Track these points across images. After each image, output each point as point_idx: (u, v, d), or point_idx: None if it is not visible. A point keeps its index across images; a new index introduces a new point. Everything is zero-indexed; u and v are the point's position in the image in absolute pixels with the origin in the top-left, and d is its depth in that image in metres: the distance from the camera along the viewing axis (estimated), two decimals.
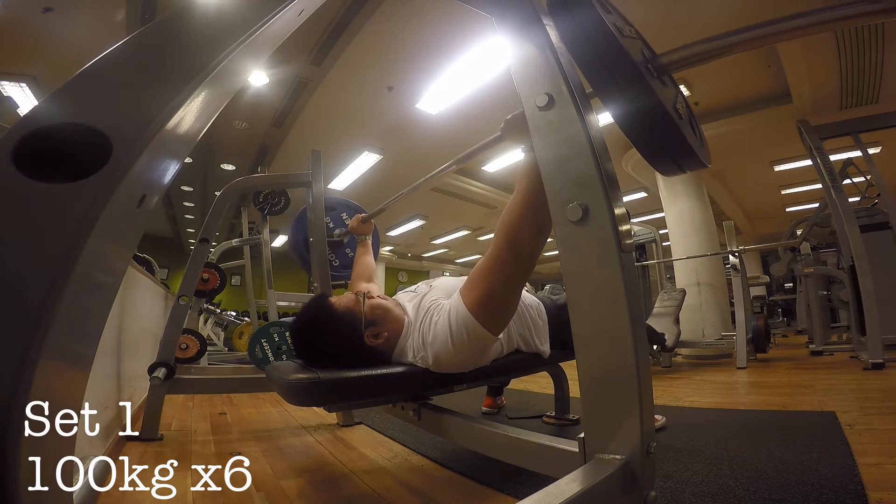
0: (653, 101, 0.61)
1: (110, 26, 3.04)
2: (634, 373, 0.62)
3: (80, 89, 0.33)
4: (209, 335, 5.65)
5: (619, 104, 0.63)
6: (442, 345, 0.94)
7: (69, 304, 0.28)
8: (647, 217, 6.50)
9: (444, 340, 0.94)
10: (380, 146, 5.10)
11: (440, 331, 0.95)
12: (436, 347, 0.96)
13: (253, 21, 0.41)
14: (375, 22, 3.17)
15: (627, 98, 0.62)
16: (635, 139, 0.65)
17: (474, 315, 0.91)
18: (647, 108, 0.62)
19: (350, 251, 2.08)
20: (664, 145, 0.65)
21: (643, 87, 0.61)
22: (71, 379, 0.34)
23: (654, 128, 0.63)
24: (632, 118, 0.63)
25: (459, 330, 0.92)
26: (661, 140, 0.65)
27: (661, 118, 0.62)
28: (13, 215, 0.27)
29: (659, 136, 0.64)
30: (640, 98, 0.61)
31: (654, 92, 0.61)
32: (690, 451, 1.32)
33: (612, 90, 0.63)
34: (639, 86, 0.61)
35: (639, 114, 0.62)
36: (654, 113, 0.62)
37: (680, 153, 0.66)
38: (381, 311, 1.06)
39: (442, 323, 0.95)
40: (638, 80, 0.60)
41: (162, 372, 1.72)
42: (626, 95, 0.62)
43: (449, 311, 0.96)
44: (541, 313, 1.22)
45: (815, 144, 3.30)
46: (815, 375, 2.77)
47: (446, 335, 0.94)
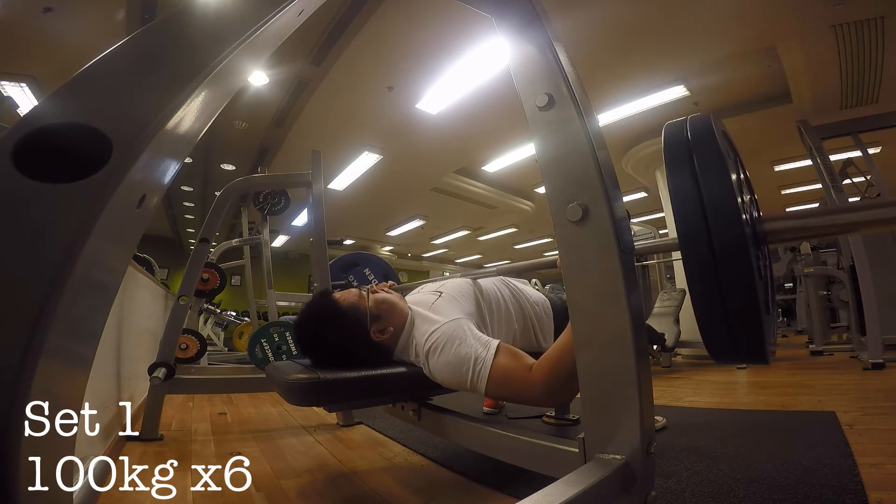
0: (751, 307, 0.49)
1: (110, 26, 3.04)
2: (634, 373, 0.62)
3: (80, 89, 0.33)
4: (209, 335, 5.65)
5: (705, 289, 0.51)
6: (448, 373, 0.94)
7: (69, 304, 0.28)
8: (647, 217, 6.50)
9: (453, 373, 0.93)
10: (380, 146, 5.10)
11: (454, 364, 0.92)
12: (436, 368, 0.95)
13: (253, 21, 0.41)
14: (375, 22, 3.17)
15: (720, 289, 0.50)
16: (706, 331, 0.54)
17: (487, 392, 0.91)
18: (741, 314, 0.50)
19: None
20: (737, 344, 0.53)
21: (746, 288, 0.49)
22: (71, 379, 0.34)
23: (736, 328, 0.51)
24: (717, 312, 0.51)
25: (471, 380, 0.90)
26: (738, 339, 0.53)
27: (752, 327, 0.51)
28: (13, 215, 0.27)
29: (737, 334, 0.52)
30: (738, 297, 0.50)
31: (756, 294, 0.49)
32: (690, 451, 1.32)
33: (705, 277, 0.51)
34: (745, 288, 0.49)
35: (728, 312, 0.51)
36: (747, 317, 0.50)
37: (752, 355, 0.54)
38: (385, 305, 1.06)
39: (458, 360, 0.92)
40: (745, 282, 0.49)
41: (162, 372, 1.72)
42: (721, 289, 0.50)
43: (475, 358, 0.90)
44: (547, 311, 1.22)
45: (815, 144, 3.30)
46: (815, 375, 2.77)
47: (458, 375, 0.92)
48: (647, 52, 3.45)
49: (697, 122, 0.57)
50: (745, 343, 0.53)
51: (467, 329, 0.96)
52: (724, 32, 3.18)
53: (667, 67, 3.70)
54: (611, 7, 2.92)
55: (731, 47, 3.39)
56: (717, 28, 3.12)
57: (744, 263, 0.49)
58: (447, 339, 0.94)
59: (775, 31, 3.19)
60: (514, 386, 0.88)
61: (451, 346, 0.93)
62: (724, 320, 0.52)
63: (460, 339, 0.93)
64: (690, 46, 3.38)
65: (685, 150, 0.54)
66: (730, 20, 3.02)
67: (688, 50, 3.43)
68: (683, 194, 0.52)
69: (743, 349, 0.54)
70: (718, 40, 3.29)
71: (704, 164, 0.52)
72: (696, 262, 0.51)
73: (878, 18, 2.98)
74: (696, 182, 0.52)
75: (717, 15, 2.96)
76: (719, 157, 0.52)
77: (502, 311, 1.14)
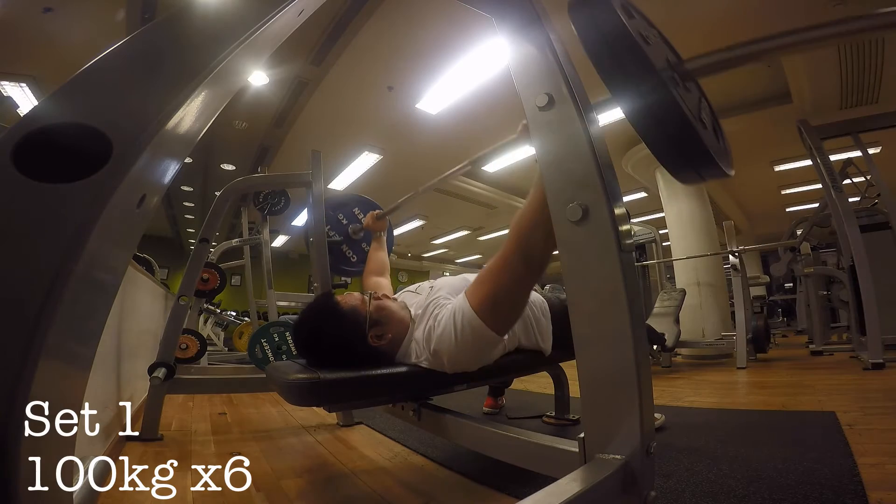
0: (674, 110, 0.59)
1: (110, 26, 3.04)
2: (634, 373, 0.62)
3: (80, 89, 0.33)
4: (209, 335, 5.65)
5: (640, 113, 0.61)
6: (446, 343, 0.95)
7: (69, 304, 0.28)
8: (647, 217, 6.50)
9: (449, 339, 0.94)
10: (380, 146, 5.10)
11: (444, 329, 0.95)
12: (439, 345, 0.96)
13: (253, 21, 0.41)
14: (375, 22, 3.17)
15: (648, 106, 0.60)
16: (655, 148, 0.63)
17: (480, 315, 0.91)
18: (665, 115, 0.59)
19: (366, 245, 2.07)
20: (685, 154, 0.63)
21: (664, 95, 0.58)
22: (71, 379, 0.34)
23: (674, 136, 0.61)
24: (652, 127, 0.61)
25: (464, 329, 0.92)
26: (682, 149, 0.62)
27: (681, 126, 0.60)
28: (13, 215, 0.27)
29: (680, 145, 0.62)
30: (661, 106, 0.59)
31: (676, 100, 0.59)
32: (690, 450, 1.32)
33: (632, 98, 0.60)
34: (658, 92, 0.58)
35: (659, 123, 0.60)
36: (675, 121, 0.59)
37: (701, 162, 0.63)
38: (386, 312, 1.06)
39: (446, 322, 0.95)
40: (659, 87, 0.58)
41: (162, 372, 1.72)
42: (647, 103, 0.60)
43: (454, 310, 0.95)
44: (544, 311, 1.22)
45: (815, 144, 3.30)
46: (815, 375, 2.77)
47: (450, 334, 0.94)
48: None
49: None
50: (694, 158, 0.62)
51: (444, 301, 1.03)
52: (723, 32, 3.18)
53: None
54: None
55: None
56: (716, 27, 3.12)
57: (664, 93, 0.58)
58: (436, 317, 1.00)
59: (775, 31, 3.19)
60: (493, 281, 0.92)
61: (440, 317, 0.99)
62: (670, 142, 0.61)
63: (440, 307, 1.01)
64: (690, 46, 3.37)
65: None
66: (730, 19, 3.02)
67: (688, 50, 3.43)
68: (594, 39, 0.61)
69: (696, 162, 0.63)
70: (718, 40, 3.29)
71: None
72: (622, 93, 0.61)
73: None
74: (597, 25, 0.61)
75: (717, 14, 2.96)
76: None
77: None
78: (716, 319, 4.61)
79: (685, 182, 0.69)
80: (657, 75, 0.58)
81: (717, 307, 4.68)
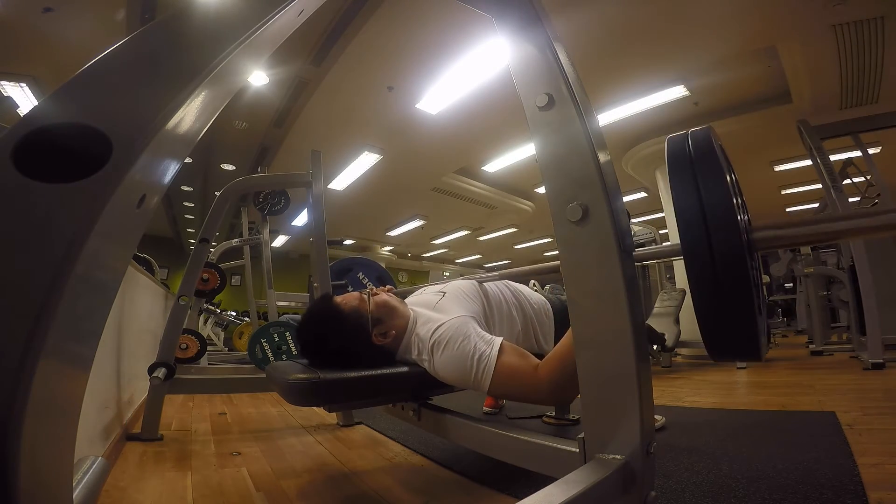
0: (749, 312, 0.53)
1: (110, 26, 3.04)
2: (634, 373, 0.62)
3: (79, 89, 0.33)
4: (209, 335, 5.65)
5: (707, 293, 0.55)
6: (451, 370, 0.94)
7: (69, 304, 0.28)
8: (647, 217, 6.50)
9: (457, 371, 0.93)
10: (380, 146, 5.10)
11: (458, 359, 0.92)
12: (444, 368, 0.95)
13: (253, 21, 0.41)
14: (375, 22, 3.17)
15: (719, 293, 0.54)
16: (706, 331, 0.58)
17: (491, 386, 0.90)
18: (738, 310, 0.54)
19: None
20: (735, 343, 0.58)
21: (743, 292, 0.52)
22: (71, 379, 0.34)
23: (732, 332, 0.56)
24: (716, 315, 0.55)
25: (477, 376, 0.90)
26: (733, 340, 0.57)
27: (749, 337, 0.55)
28: (13, 215, 0.27)
29: (738, 345, 0.57)
30: (736, 301, 0.53)
31: (752, 299, 0.53)
32: (690, 450, 1.32)
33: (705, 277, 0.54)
34: (741, 290, 0.52)
35: (727, 317, 0.55)
36: (743, 318, 0.54)
37: (748, 354, 0.58)
38: (386, 308, 1.06)
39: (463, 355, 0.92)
40: (743, 287, 0.52)
41: (162, 372, 1.72)
42: (721, 293, 0.54)
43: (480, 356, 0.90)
44: (548, 312, 1.22)
45: (815, 144, 3.30)
46: (815, 375, 2.77)
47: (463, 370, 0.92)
48: (647, 51, 3.45)
49: (699, 136, 0.62)
50: (741, 342, 0.57)
51: (472, 327, 0.96)
52: (724, 32, 3.18)
53: (667, 67, 3.69)
54: (611, 7, 2.92)
55: (731, 47, 3.39)
56: (717, 28, 3.12)
57: (741, 270, 0.53)
58: (451, 336, 0.94)
59: (775, 31, 3.19)
60: (518, 384, 0.89)
61: (455, 342, 0.93)
62: (723, 321, 0.56)
63: (464, 336, 0.93)
64: (690, 46, 3.37)
65: (687, 163, 0.59)
66: (730, 20, 3.02)
67: (688, 50, 3.43)
68: (687, 205, 0.56)
69: (739, 347, 0.58)
70: (718, 40, 3.29)
71: (706, 179, 0.57)
72: (698, 269, 0.55)
73: (878, 18, 2.98)
74: (699, 194, 0.56)
75: (717, 14, 2.96)
76: (719, 172, 0.56)
77: (504, 312, 1.14)
78: None
79: (717, 360, 0.66)
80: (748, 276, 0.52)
81: None
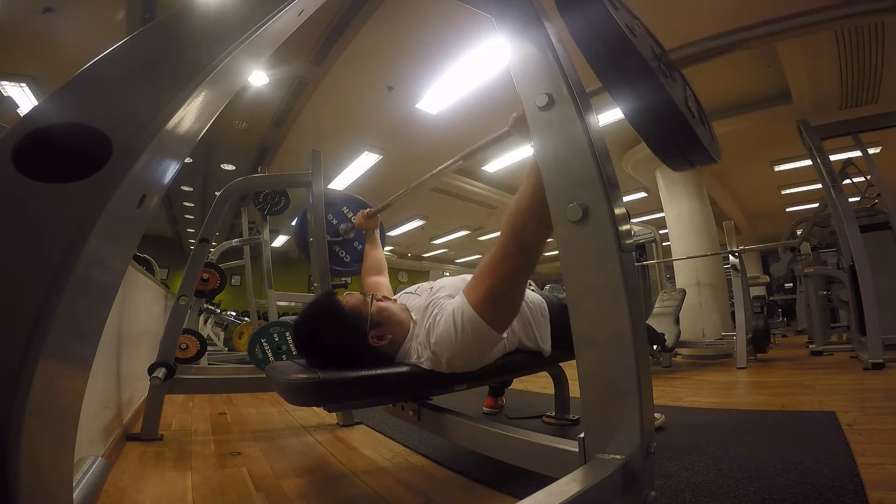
0: (663, 97, 0.61)
1: (110, 26, 3.04)
2: (634, 373, 0.62)
3: (80, 89, 0.33)
4: (209, 335, 5.65)
5: (630, 101, 0.63)
6: (446, 343, 0.95)
7: (69, 304, 0.28)
8: (647, 217, 6.50)
9: (449, 339, 0.94)
10: (380, 146, 5.10)
11: (444, 329, 0.95)
12: (438, 346, 0.96)
13: (253, 21, 0.41)
14: (375, 22, 3.17)
15: (638, 95, 0.62)
16: (645, 135, 0.65)
17: (479, 313, 0.91)
18: (657, 105, 0.62)
19: (359, 244, 2.07)
20: (674, 140, 0.66)
21: (653, 84, 0.61)
22: (71, 379, 0.34)
23: (664, 123, 0.63)
24: (642, 114, 0.63)
25: (464, 328, 0.92)
26: (672, 135, 0.65)
27: (671, 114, 0.62)
28: (13, 215, 0.27)
29: (669, 131, 0.64)
30: (651, 94, 0.62)
31: (665, 88, 0.61)
32: (690, 450, 1.32)
33: (622, 87, 0.63)
34: (649, 82, 0.61)
35: (649, 110, 0.62)
36: (665, 109, 0.62)
37: (690, 148, 0.66)
38: (387, 314, 1.07)
39: (446, 321, 0.95)
40: (648, 76, 0.61)
41: (162, 372, 1.72)
42: (637, 92, 0.62)
43: (454, 310, 0.95)
44: (543, 311, 1.22)
45: (815, 144, 3.30)
46: (815, 375, 2.77)
47: (450, 333, 0.94)
48: None
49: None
50: (683, 144, 0.65)
51: (444, 301, 1.03)
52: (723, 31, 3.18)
53: None
54: None
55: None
56: (717, 27, 3.12)
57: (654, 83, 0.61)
58: (436, 317, 1.00)
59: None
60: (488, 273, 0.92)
61: (439, 317, 0.99)
62: (660, 129, 0.64)
63: (439, 307, 1.01)
64: (690, 39, 3.37)
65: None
66: (730, 19, 3.02)
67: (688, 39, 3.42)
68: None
69: (685, 148, 0.66)
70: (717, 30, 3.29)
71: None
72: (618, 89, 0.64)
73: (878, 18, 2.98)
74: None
75: (717, 14, 2.96)
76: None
77: None
78: (716, 319, 4.61)
79: (676, 169, 0.71)
80: (646, 65, 0.61)
81: (717, 307, 4.68)
